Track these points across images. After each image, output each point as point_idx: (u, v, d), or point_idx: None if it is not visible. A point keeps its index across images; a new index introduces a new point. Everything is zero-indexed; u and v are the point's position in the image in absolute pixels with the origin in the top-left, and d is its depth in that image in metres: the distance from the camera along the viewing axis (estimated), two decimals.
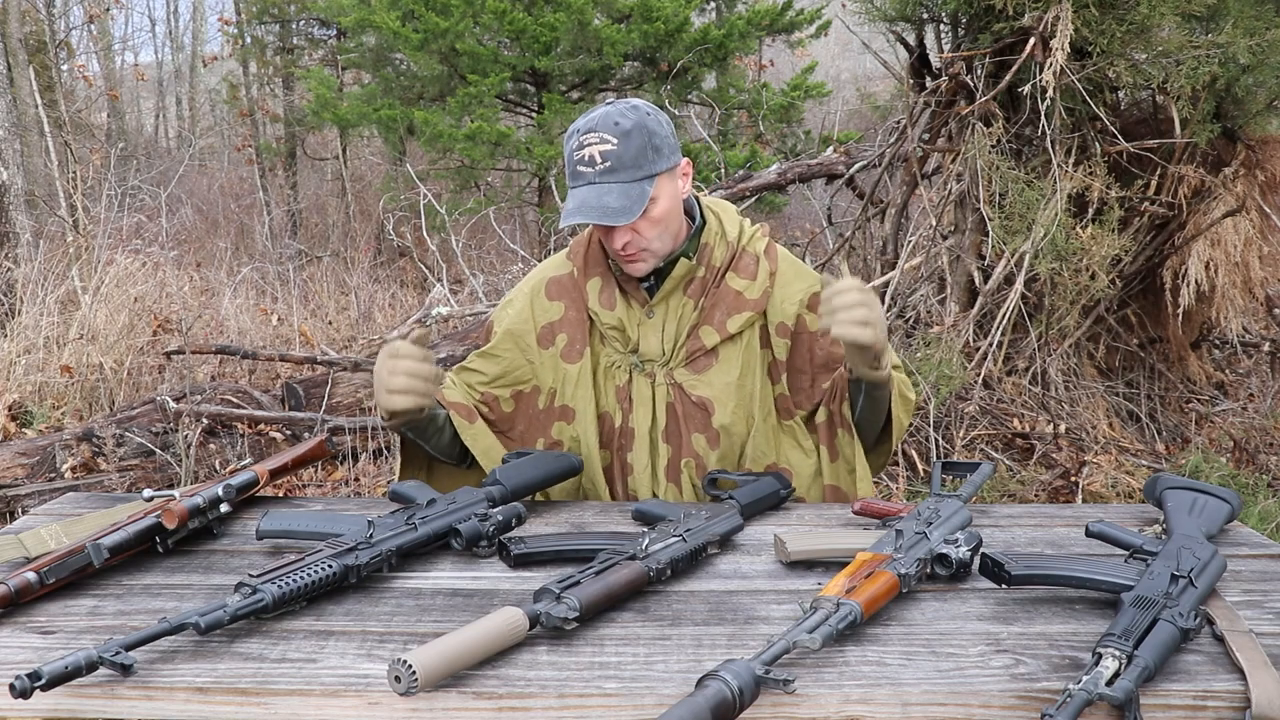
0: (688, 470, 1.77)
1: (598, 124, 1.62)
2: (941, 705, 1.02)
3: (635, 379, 1.77)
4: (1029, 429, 4.02)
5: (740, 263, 1.77)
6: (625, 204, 1.60)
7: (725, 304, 1.75)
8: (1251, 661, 1.05)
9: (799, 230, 7.40)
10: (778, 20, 7.99)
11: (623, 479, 1.80)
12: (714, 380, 1.75)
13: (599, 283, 1.78)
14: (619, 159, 1.60)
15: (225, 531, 1.49)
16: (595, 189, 1.61)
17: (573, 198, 1.63)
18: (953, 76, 4.10)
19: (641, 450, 1.77)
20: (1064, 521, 1.58)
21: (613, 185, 1.60)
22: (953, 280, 4.29)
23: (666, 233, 1.69)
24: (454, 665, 1.01)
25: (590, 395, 1.77)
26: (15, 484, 3.68)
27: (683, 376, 1.76)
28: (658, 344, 1.75)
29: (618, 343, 1.77)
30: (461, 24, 7.10)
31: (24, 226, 6.28)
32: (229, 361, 5.10)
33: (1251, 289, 4.24)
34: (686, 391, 1.75)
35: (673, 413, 1.76)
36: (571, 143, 1.65)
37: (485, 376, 1.82)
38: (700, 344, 1.75)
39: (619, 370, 1.78)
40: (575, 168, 1.63)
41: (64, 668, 0.98)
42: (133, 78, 14.30)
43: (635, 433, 1.76)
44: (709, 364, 1.76)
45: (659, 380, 1.76)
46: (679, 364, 1.76)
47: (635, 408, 1.76)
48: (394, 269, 8.57)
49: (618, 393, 1.77)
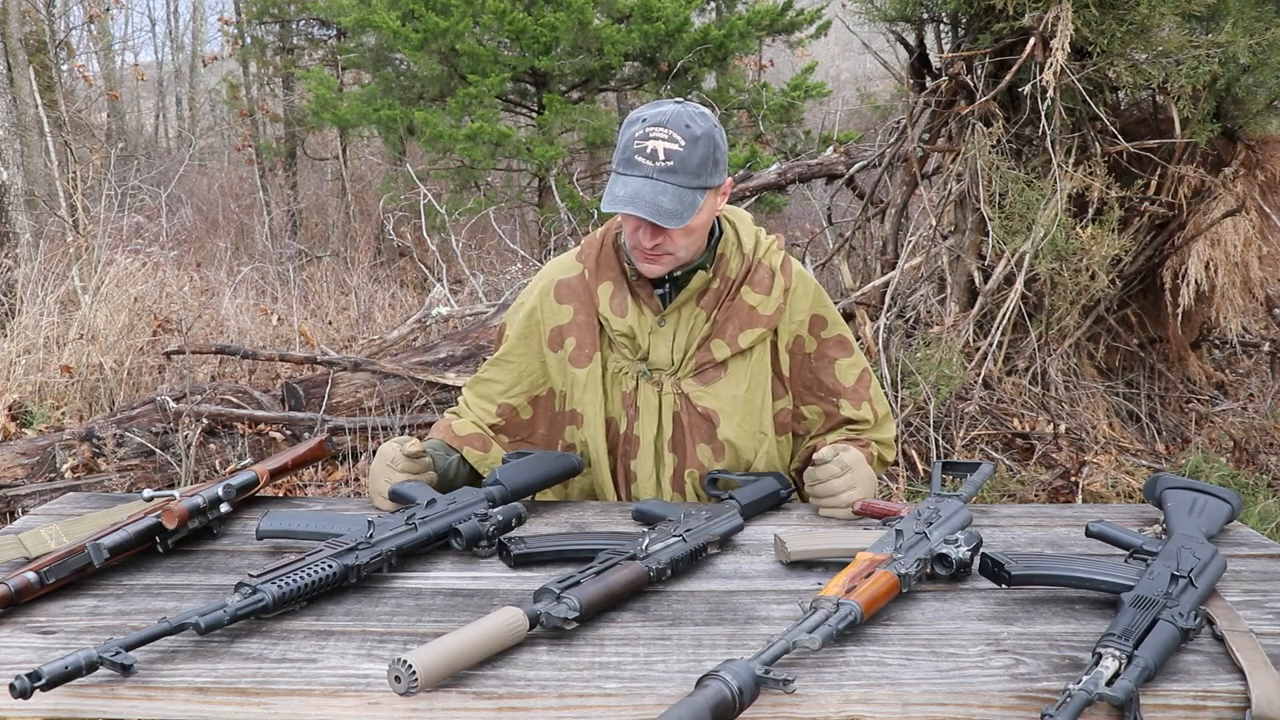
0: (691, 480, 1.76)
1: (669, 120, 1.58)
2: (941, 705, 1.02)
3: (642, 386, 1.75)
4: (1029, 429, 4.02)
5: (755, 276, 1.75)
6: (678, 208, 1.56)
7: (739, 318, 1.73)
8: (1251, 661, 1.05)
9: (799, 230, 7.39)
10: (778, 20, 7.98)
11: (627, 485, 1.79)
12: (721, 393, 1.73)
13: (610, 287, 1.75)
14: (683, 162, 1.56)
15: (225, 531, 1.49)
16: (651, 184, 1.56)
17: (622, 185, 1.57)
18: (953, 76, 4.10)
19: (646, 459, 1.76)
20: (1064, 521, 1.58)
21: (669, 186, 1.56)
22: (953, 280, 4.28)
23: (694, 244, 1.67)
24: (454, 665, 1.01)
25: (599, 400, 1.76)
26: (15, 484, 3.68)
27: (690, 387, 1.74)
28: (667, 353, 1.73)
29: (627, 350, 1.75)
30: (461, 24, 7.09)
31: (24, 226, 6.28)
32: (229, 361, 5.10)
33: (1251, 289, 4.23)
34: (693, 402, 1.74)
35: (679, 423, 1.75)
36: (634, 129, 1.59)
37: (501, 385, 1.81)
38: (711, 356, 1.73)
39: (626, 377, 1.76)
40: (633, 157, 1.57)
41: (64, 668, 0.98)
42: (133, 78, 14.29)
43: (640, 440, 1.75)
44: (717, 376, 1.74)
45: (666, 389, 1.75)
46: (687, 374, 1.74)
47: (641, 415, 1.75)
48: (394, 269, 8.57)
49: (624, 399, 1.76)
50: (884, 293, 4.27)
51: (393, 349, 5.17)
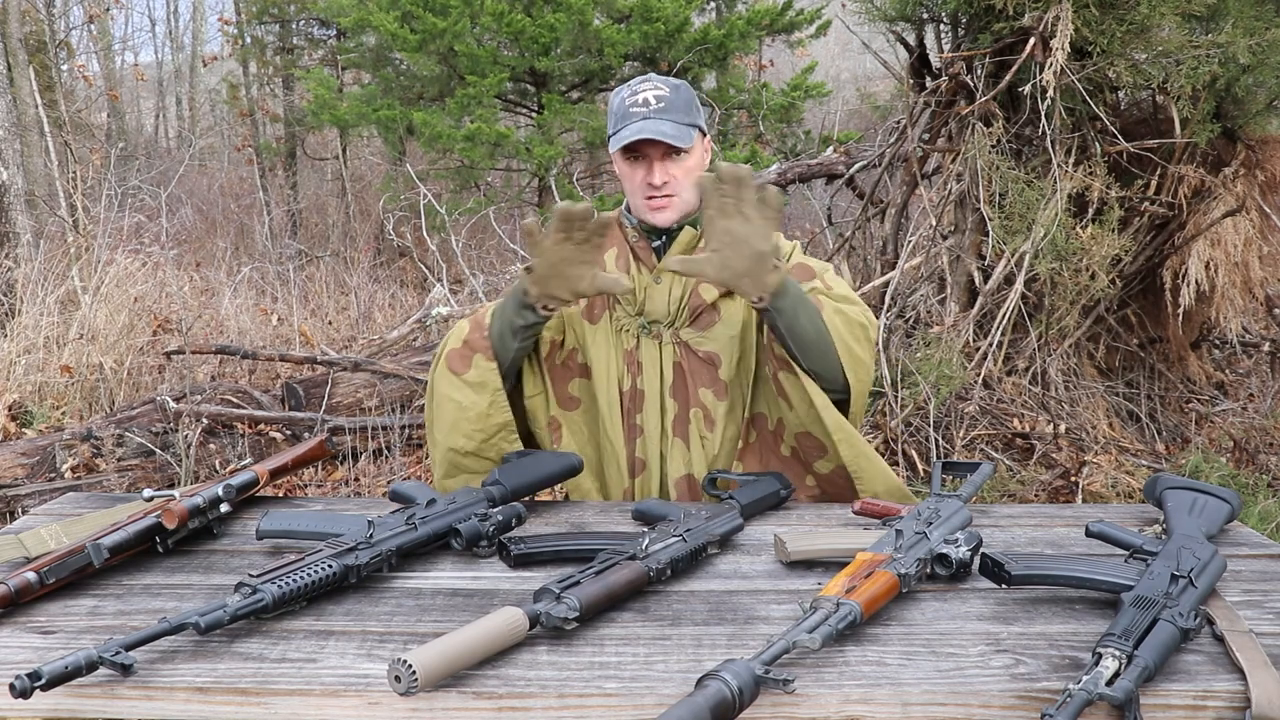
0: (695, 421, 1.82)
1: (649, 78, 1.81)
2: (941, 705, 1.02)
3: (643, 342, 1.83)
4: (1029, 429, 4.01)
5: None
6: (679, 133, 1.74)
7: None
8: (1251, 661, 1.05)
9: (799, 230, 7.39)
10: (778, 20, 7.98)
11: (632, 441, 1.84)
12: (718, 335, 1.82)
13: (615, 251, 1.88)
14: (671, 103, 1.76)
15: (225, 531, 1.49)
16: (650, 121, 1.74)
17: (627, 130, 1.75)
18: (953, 76, 4.09)
19: (652, 410, 1.82)
20: (1064, 521, 1.58)
21: (666, 120, 1.74)
22: (953, 280, 4.28)
23: (692, 191, 1.78)
24: (454, 665, 1.01)
25: (610, 354, 1.84)
26: (15, 484, 3.68)
27: (689, 335, 1.83)
28: (663, 305, 1.83)
29: (628, 305, 1.85)
30: (459, 25, 7.09)
31: (24, 226, 6.28)
32: (229, 361, 5.10)
33: (1251, 289, 4.23)
34: (693, 349, 1.82)
35: (680, 370, 1.83)
36: (623, 93, 1.80)
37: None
38: (701, 300, 1.82)
39: (628, 334, 1.85)
40: (628, 109, 1.76)
41: (64, 668, 0.98)
42: (133, 78, 14.29)
43: (645, 395, 1.82)
44: (712, 320, 1.83)
45: (666, 340, 1.83)
46: (684, 323, 1.83)
47: (644, 369, 1.83)
48: (394, 269, 8.57)
49: (626, 356, 1.84)
50: (884, 293, 4.27)
51: (393, 349, 5.17)
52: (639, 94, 1.77)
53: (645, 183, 1.78)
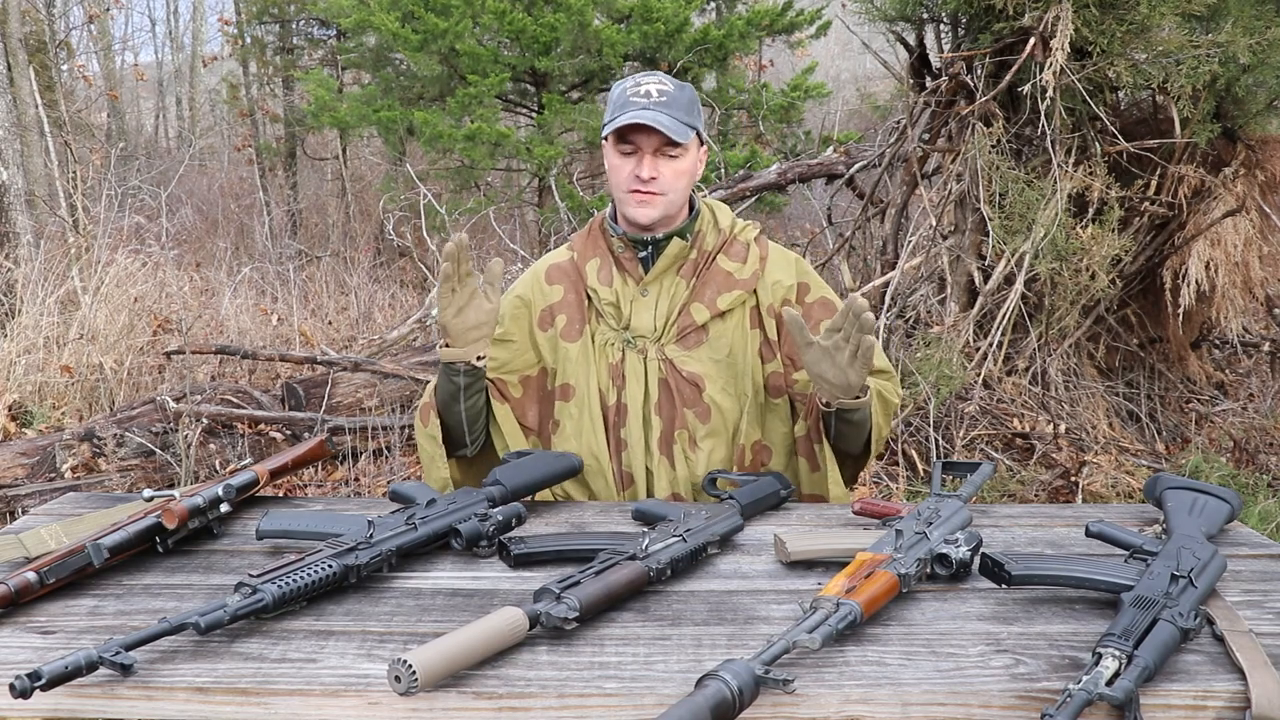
0: (681, 441, 1.81)
1: (654, 73, 1.80)
2: (941, 705, 1.02)
3: (628, 356, 1.82)
4: (1029, 429, 4.02)
5: (731, 248, 1.86)
6: (677, 128, 1.71)
7: (716, 283, 1.83)
8: (1251, 661, 1.05)
9: (799, 230, 7.39)
10: (778, 20, 7.97)
11: (618, 455, 1.83)
12: (704, 357, 1.81)
13: (598, 262, 1.86)
14: (673, 99, 1.74)
15: (225, 531, 1.49)
16: (650, 111, 1.71)
17: (624, 116, 1.72)
18: (953, 76, 4.10)
19: (635, 425, 1.81)
20: (1064, 521, 1.58)
21: (664, 113, 1.72)
22: (953, 280, 4.28)
23: (681, 192, 1.78)
24: (454, 665, 1.01)
25: (590, 371, 1.83)
26: (15, 484, 3.68)
27: (674, 353, 1.81)
28: (650, 320, 1.81)
29: (612, 319, 1.83)
30: (461, 25, 7.09)
31: (24, 226, 6.27)
32: (229, 361, 5.10)
33: (1251, 289, 4.24)
34: (678, 367, 1.81)
35: (665, 387, 1.81)
36: (625, 84, 1.77)
37: (496, 362, 1.86)
38: (691, 320, 1.81)
39: (612, 348, 1.83)
40: (628, 99, 1.74)
41: (64, 668, 0.98)
42: (133, 78, 14.27)
43: (628, 409, 1.81)
44: (699, 340, 1.82)
45: (651, 356, 1.82)
46: (670, 340, 1.81)
47: (628, 383, 1.81)
48: (394, 269, 8.57)
49: (611, 370, 1.83)
50: (884, 293, 4.27)
51: (393, 349, 5.17)
52: (642, 86, 1.76)
53: (633, 174, 1.76)
